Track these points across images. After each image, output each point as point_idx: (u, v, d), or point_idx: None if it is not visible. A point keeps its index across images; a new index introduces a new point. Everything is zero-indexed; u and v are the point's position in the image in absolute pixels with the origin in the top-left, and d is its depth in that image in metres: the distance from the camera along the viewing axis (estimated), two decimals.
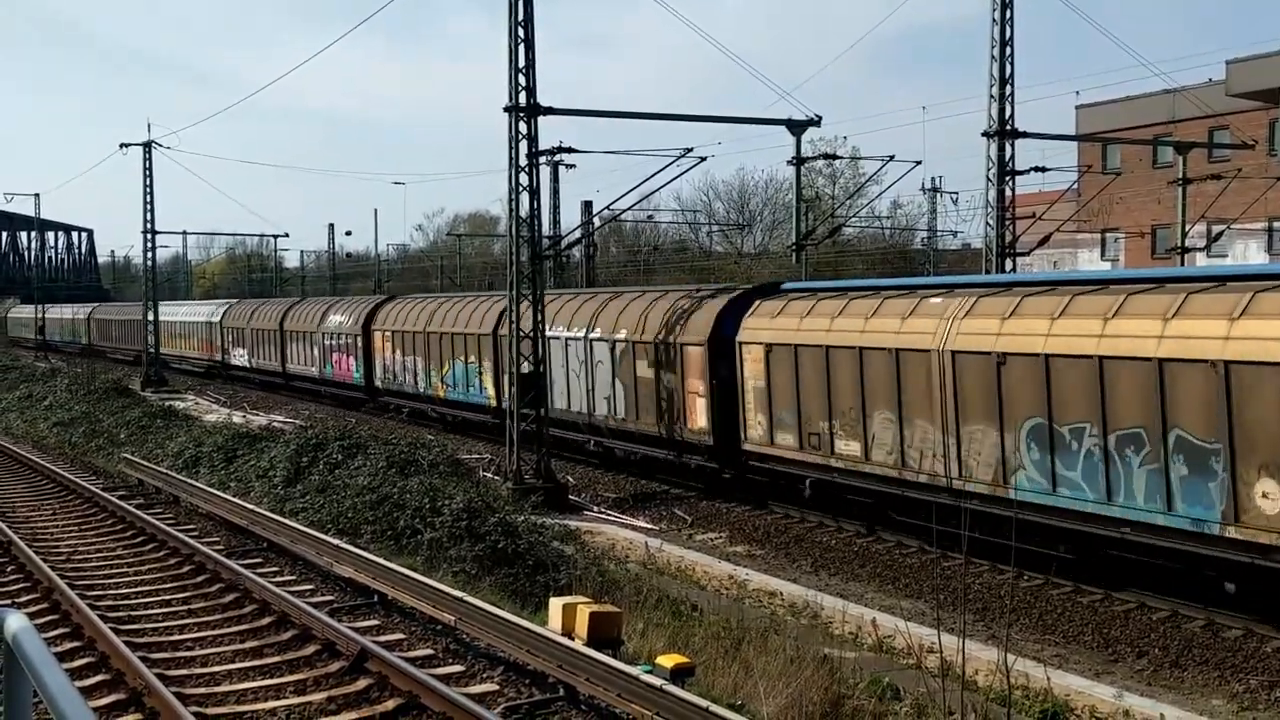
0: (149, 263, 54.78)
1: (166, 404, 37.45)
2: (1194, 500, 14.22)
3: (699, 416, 23.42)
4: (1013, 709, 10.40)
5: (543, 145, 24.34)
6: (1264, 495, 13.43)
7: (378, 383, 37.60)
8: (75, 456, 26.91)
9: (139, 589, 13.48)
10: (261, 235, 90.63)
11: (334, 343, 40.50)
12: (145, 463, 22.98)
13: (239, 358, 51.67)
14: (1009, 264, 29.54)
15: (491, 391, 30.71)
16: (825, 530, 20.72)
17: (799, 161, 29.08)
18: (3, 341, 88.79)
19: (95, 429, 30.58)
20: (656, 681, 8.88)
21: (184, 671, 10.24)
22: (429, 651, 10.75)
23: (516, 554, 15.68)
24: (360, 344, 38.16)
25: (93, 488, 20.24)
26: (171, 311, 61.61)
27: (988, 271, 28.75)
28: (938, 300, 18.60)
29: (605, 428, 26.60)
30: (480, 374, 31.39)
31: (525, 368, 24.42)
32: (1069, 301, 16.26)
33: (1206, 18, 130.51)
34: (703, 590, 16.56)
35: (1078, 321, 15.81)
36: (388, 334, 36.47)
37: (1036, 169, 31.59)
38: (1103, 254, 54.48)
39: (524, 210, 24.09)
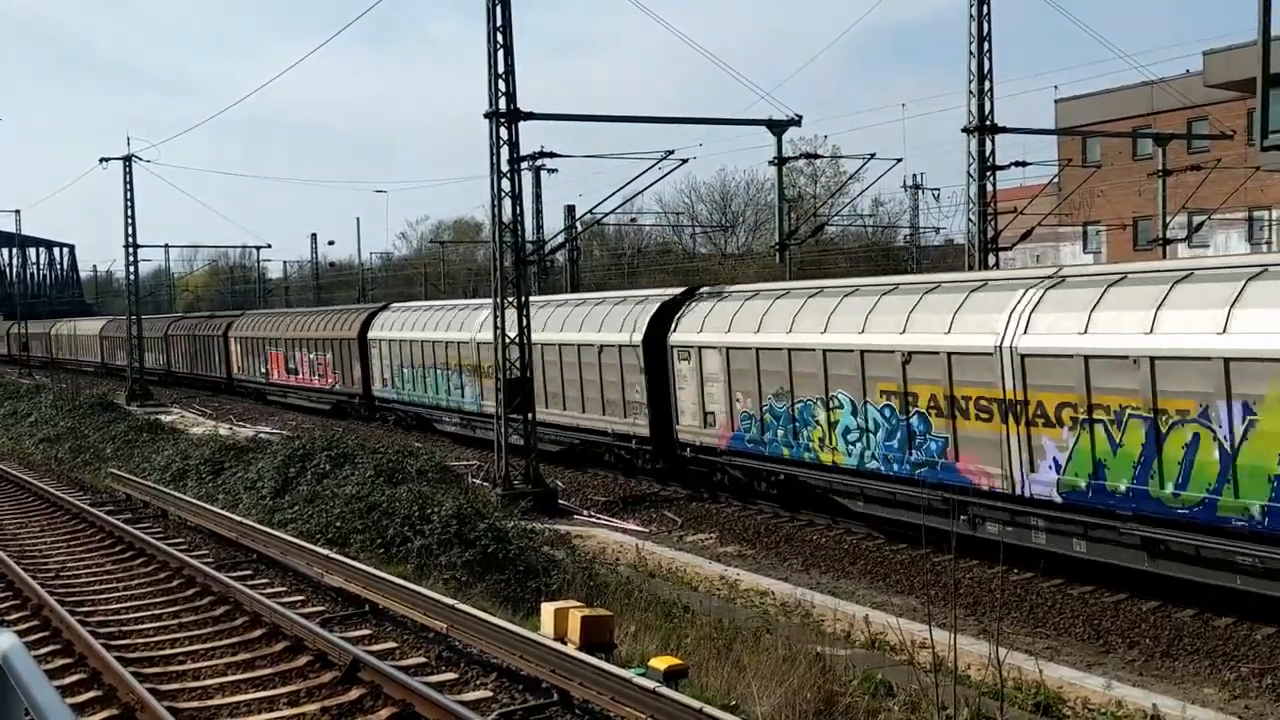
0: (131, 277, 54.57)
1: (152, 418, 37.32)
2: None
3: None
4: (1006, 702, 10.42)
5: (525, 149, 24.30)
6: None
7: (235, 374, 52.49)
8: (62, 472, 26.79)
9: (129, 604, 13.44)
10: (244, 247, 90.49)
11: (206, 343, 55.85)
12: (132, 477, 22.90)
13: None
14: (992, 259, 29.62)
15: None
16: (815, 529, 20.75)
17: (780, 161, 29.05)
18: None
19: (81, 444, 30.47)
20: (650, 684, 8.90)
21: (177, 685, 10.22)
22: (422, 660, 10.74)
23: (507, 560, 15.68)
24: (221, 346, 53.52)
25: (80, 503, 20.15)
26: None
27: (971, 268, 28.81)
28: None
29: None
30: None
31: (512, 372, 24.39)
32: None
33: (1183, 9, 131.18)
34: (694, 591, 16.56)
35: None
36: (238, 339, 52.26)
37: (1017, 164, 31.62)
38: (1085, 247, 54.69)
39: (507, 215, 24.06)
